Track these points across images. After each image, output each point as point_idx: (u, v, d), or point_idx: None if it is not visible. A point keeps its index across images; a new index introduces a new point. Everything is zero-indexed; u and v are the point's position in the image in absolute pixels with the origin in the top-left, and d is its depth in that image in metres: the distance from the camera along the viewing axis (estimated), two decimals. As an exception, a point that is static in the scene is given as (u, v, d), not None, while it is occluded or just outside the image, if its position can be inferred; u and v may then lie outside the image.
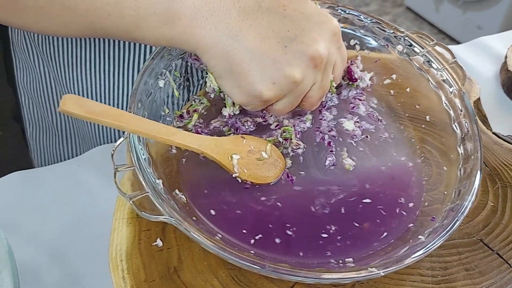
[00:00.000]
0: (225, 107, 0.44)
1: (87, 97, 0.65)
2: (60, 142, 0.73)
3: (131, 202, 0.35)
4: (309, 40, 0.39)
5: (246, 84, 0.39)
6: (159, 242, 0.43)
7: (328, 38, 0.40)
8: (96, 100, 0.64)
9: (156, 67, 0.44)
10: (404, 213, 0.40)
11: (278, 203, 0.40)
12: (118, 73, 0.62)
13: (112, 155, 0.38)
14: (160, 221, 0.36)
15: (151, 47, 0.59)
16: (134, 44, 0.59)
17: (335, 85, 0.45)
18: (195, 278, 0.41)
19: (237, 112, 0.44)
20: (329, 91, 0.45)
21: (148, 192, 0.36)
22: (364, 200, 0.41)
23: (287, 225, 0.38)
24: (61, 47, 0.62)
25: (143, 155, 0.38)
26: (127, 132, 0.39)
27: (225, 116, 0.44)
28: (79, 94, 0.65)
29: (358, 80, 0.47)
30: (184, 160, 0.44)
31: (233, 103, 0.43)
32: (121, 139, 0.39)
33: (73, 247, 0.47)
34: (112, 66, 0.61)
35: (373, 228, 0.39)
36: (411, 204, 0.41)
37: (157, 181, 0.38)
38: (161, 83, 0.44)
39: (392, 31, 0.48)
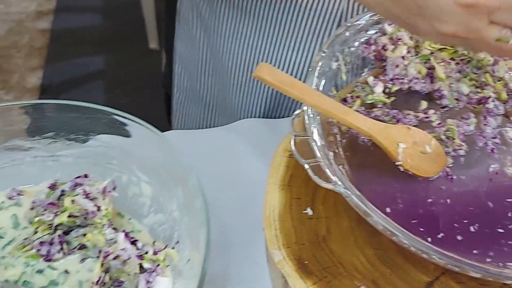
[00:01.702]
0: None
1: (237, 71, 0.70)
2: (202, 111, 0.79)
3: (307, 167, 0.39)
4: None
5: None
6: (309, 211, 0.46)
7: None
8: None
9: (331, 49, 0.47)
10: None
11: (444, 200, 0.41)
12: (272, 51, 0.66)
13: (293, 122, 0.42)
14: (331, 189, 0.38)
15: (309, 32, 0.63)
16: (290, 24, 0.63)
17: None
18: (343, 250, 0.43)
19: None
20: None
21: (321, 161, 0.39)
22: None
23: (455, 224, 0.39)
24: (225, 22, 0.67)
25: (319, 128, 0.41)
26: (304, 105, 0.43)
27: (400, 56, 0.46)
28: (231, 67, 0.70)
29: None
30: (344, 141, 0.46)
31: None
32: (298, 110, 0.43)
33: (224, 204, 0.52)
34: (268, 44, 0.66)
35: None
36: None
37: (330, 153, 0.40)
38: (334, 65, 0.47)
39: None
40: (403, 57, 0.48)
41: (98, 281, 0.40)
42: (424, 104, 0.48)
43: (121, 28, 2.27)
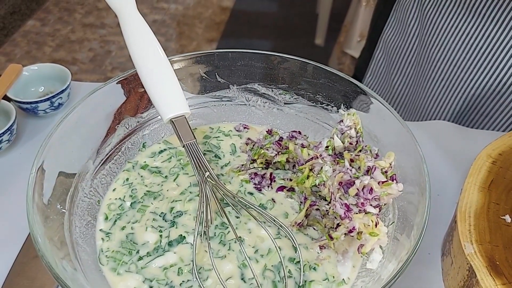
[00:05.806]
0: None
1: (444, 65, 0.71)
2: (388, 97, 0.82)
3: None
4: None
5: None
6: (507, 218, 0.46)
7: None
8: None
9: None
10: None
11: None
12: (489, 52, 0.66)
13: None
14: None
15: None
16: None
17: None
18: (539, 264, 0.43)
19: None
20: None
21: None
22: None
23: None
24: (446, 16, 0.68)
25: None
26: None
27: None
28: (438, 60, 0.71)
29: None
30: None
31: None
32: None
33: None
34: (488, 46, 0.65)
35: None
36: None
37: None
38: None
39: None
40: None
41: (299, 223, 0.46)
42: None
43: (292, 19, 2.39)
